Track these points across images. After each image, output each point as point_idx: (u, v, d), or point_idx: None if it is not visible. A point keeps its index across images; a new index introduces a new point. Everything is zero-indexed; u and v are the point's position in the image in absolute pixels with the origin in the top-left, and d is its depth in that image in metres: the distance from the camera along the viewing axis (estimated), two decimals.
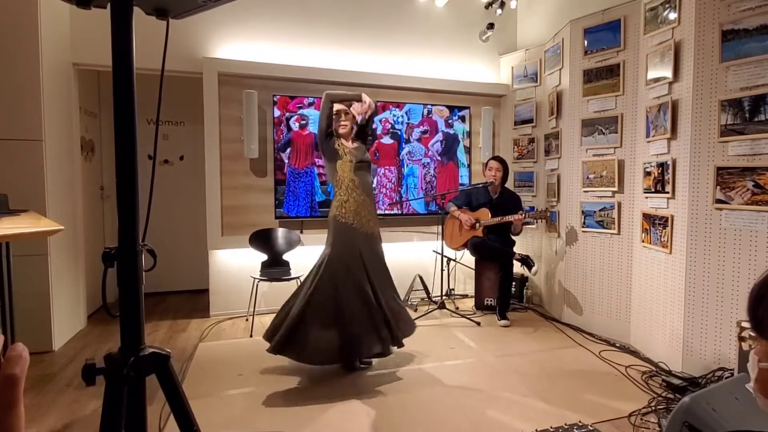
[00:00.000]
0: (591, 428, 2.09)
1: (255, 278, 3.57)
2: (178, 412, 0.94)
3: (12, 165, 2.92)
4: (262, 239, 3.80)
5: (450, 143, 4.47)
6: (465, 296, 4.55)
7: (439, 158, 4.44)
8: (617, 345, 3.22)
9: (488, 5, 4.38)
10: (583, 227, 3.57)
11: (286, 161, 3.97)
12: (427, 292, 4.27)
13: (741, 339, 2.01)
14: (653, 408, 2.29)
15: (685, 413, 1.39)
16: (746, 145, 2.41)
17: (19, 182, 2.89)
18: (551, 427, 2.10)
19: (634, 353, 3.07)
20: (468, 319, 3.78)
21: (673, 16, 2.80)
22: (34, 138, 2.97)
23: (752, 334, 0.73)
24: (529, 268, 3.89)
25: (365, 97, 2.80)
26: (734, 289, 2.49)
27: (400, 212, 4.34)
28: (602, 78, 3.41)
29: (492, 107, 4.61)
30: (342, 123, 2.81)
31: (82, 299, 3.61)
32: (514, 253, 3.87)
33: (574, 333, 3.48)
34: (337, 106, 2.80)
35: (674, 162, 2.78)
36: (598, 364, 2.90)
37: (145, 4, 0.92)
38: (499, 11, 4.35)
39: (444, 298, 3.99)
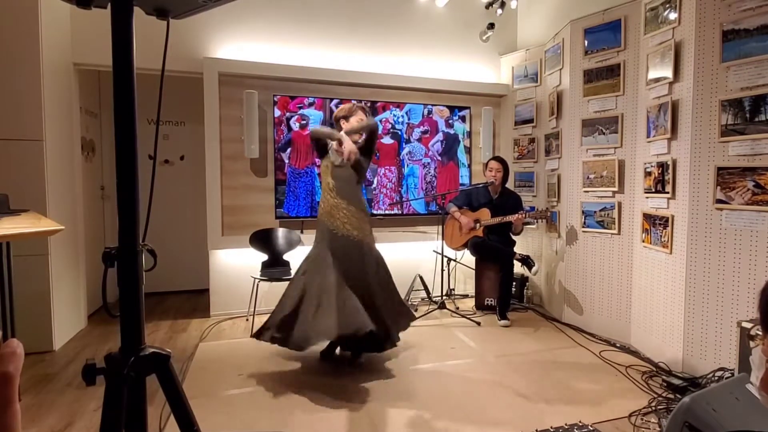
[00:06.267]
0: (591, 428, 2.09)
1: (255, 278, 3.57)
2: (178, 412, 0.94)
3: (12, 165, 2.92)
4: (262, 239, 3.80)
5: (450, 143, 4.47)
6: (465, 296, 4.55)
7: (439, 158, 4.44)
8: (617, 345, 3.22)
9: (488, 5, 4.38)
10: (583, 227, 3.57)
11: (287, 161, 3.97)
12: (428, 292, 4.27)
13: (750, 338, 2.01)
14: (653, 408, 2.29)
15: (685, 413, 1.39)
16: (747, 145, 2.40)
17: (19, 182, 2.89)
18: (551, 427, 2.11)
19: (635, 353, 3.07)
20: (468, 319, 3.78)
21: (673, 16, 2.80)
22: (35, 138, 2.97)
23: (760, 332, 0.73)
24: (530, 268, 3.89)
25: (345, 143, 2.80)
26: (735, 290, 2.49)
27: (400, 212, 4.34)
28: (602, 78, 3.41)
29: (492, 107, 4.61)
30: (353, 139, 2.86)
31: (83, 299, 3.62)
32: (515, 253, 3.87)
33: (574, 333, 3.48)
34: (361, 115, 2.86)
35: (674, 162, 2.78)
36: (599, 364, 2.90)
37: (146, 4, 0.92)
38: (499, 11, 4.35)
39: (444, 298, 3.99)
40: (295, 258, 3.82)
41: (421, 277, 4.32)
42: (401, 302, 2.96)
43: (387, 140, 4.26)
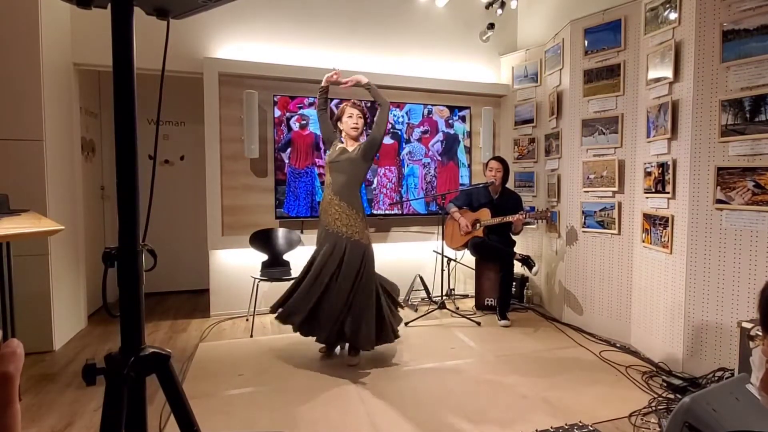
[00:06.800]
0: (591, 428, 2.09)
1: (255, 278, 3.57)
2: (179, 412, 0.94)
3: (12, 165, 2.92)
4: (262, 239, 3.80)
5: (450, 143, 4.47)
6: (465, 296, 4.55)
7: (439, 158, 4.44)
8: (617, 345, 3.22)
9: (488, 5, 4.38)
10: (583, 227, 3.57)
11: (287, 161, 3.97)
12: (428, 292, 4.27)
13: (750, 338, 2.01)
14: (653, 408, 2.29)
15: (685, 413, 1.39)
16: (747, 145, 2.41)
17: (19, 182, 2.89)
18: (551, 427, 2.11)
19: (635, 353, 3.07)
20: (468, 319, 3.78)
21: (673, 16, 2.80)
22: (35, 138, 2.97)
23: (760, 333, 0.73)
24: (530, 268, 3.89)
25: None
26: (734, 290, 2.49)
27: (400, 212, 4.34)
28: (603, 78, 3.41)
29: (492, 107, 4.61)
30: (353, 125, 2.92)
31: (83, 299, 3.61)
32: (515, 253, 3.87)
33: (574, 333, 3.48)
34: (350, 110, 2.92)
35: (675, 162, 2.78)
36: (599, 365, 2.90)
37: (146, 4, 0.92)
38: (499, 11, 4.35)
39: (444, 298, 3.99)
40: (295, 258, 3.83)
41: (421, 277, 4.32)
42: (380, 317, 2.84)
43: (387, 140, 4.26)
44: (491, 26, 4.41)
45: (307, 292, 2.80)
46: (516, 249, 3.94)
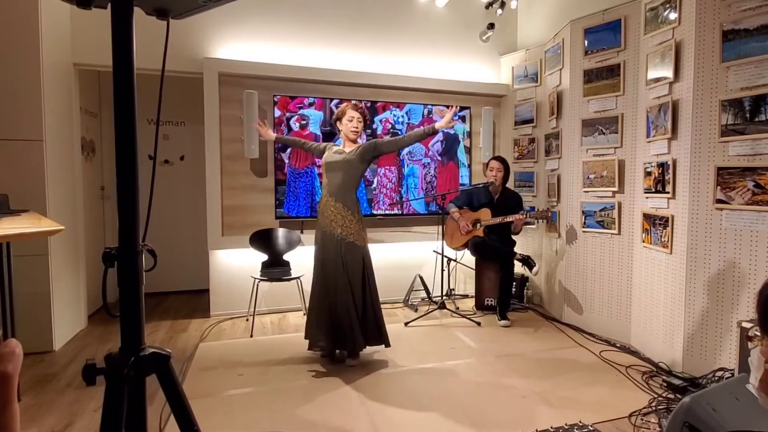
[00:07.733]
0: (591, 428, 2.09)
1: (255, 278, 3.57)
2: (179, 412, 0.94)
3: (12, 165, 2.92)
4: (262, 239, 3.80)
5: (450, 143, 4.47)
6: (465, 296, 4.55)
7: (439, 158, 4.44)
8: (617, 345, 3.22)
9: (488, 5, 4.38)
10: (583, 227, 3.57)
11: (287, 161, 3.97)
12: (428, 292, 4.27)
13: (748, 338, 2.01)
14: (654, 408, 2.29)
15: (685, 413, 1.39)
16: (747, 145, 2.41)
17: (19, 182, 2.89)
18: (551, 427, 2.11)
19: (635, 353, 3.07)
20: (468, 319, 3.78)
21: (673, 16, 2.80)
22: (35, 138, 2.97)
23: (759, 333, 0.74)
24: (530, 268, 3.89)
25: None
26: (734, 290, 2.49)
27: (400, 212, 4.34)
28: (602, 78, 3.41)
29: (492, 107, 4.61)
30: (353, 129, 2.90)
31: (83, 299, 3.61)
32: (515, 253, 3.87)
33: (574, 333, 3.48)
34: (351, 113, 2.89)
35: (675, 162, 2.78)
36: (599, 365, 2.90)
37: (146, 5, 0.92)
38: (499, 11, 4.35)
39: (444, 298, 3.99)
40: (295, 258, 3.84)
41: (421, 277, 4.32)
42: (372, 319, 2.85)
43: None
44: (491, 26, 4.41)
45: (320, 314, 2.82)
46: (516, 249, 3.94)
